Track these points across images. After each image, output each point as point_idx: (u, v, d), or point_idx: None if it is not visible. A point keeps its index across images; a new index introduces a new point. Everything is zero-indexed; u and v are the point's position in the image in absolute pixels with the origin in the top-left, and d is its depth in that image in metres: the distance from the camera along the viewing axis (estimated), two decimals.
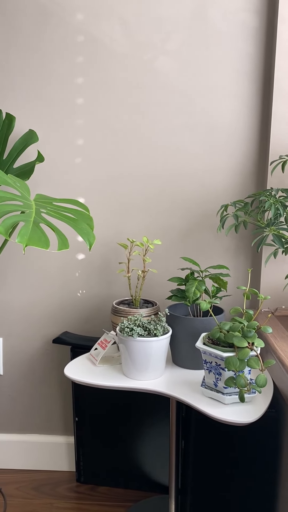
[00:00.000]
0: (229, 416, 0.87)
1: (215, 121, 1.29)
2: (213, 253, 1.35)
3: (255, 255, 1.33)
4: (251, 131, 1.29)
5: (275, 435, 1.13)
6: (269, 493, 1.16)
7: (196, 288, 1.07)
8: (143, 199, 1.34)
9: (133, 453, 1.35)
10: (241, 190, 1.32)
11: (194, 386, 1.00)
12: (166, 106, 1.29)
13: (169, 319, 1.09)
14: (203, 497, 1.17)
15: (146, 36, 1.26)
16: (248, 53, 1.25)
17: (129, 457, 1.35)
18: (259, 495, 1.15)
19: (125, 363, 1.03)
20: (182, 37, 1.25)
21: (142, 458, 1.35)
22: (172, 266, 1.31)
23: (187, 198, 1.33)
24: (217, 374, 0.91)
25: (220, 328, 0.93)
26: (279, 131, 1.22)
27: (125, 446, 1.35)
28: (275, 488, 1.18)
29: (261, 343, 0.89)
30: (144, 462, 1.35)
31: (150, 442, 1.33)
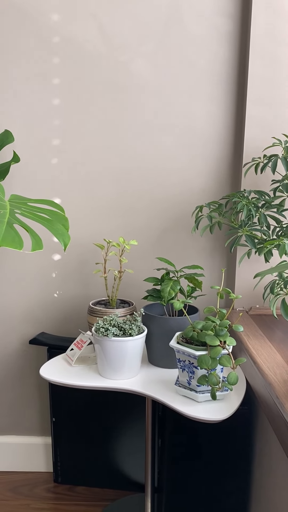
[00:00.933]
0: (202, 413, 0.89)
1: (190, 123, 1.30)
2: (189, 253, 1.37)
3: (230, 255, 1.35)
4: (226, 133, 1.31)
5: (248, 432, 1.15)
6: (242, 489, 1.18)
7: (171, 288, 1.09)
8: (119, 199, 1.35)
9: (110, 453, 1.35)
10: (217, 191, 1.34)
11: (169, 384, 1.01)
12: (142, 108, 1.30)
13: (145, 318, 1.10)
14: (178, 495, 1.19)
15: (122, 38, 1.27)
16: (223, 57, 1.27)
17: (106, 457, 1.36)
18: (232, 491, 1.17)
19: (101, 363, 1.04)
20: (157, 40, 1.27)
21: (119, 457, 1.35)
22: (148, 266, 1.32)
23: (164, 199, 1.34)
24: (191, 373, 0.93)
25: (193, 327, 0.94)
26: (253, 134, 1.24)
27: (102, 446, 1.35)
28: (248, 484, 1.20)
29: (233, 341, 0.91)
30: (121, 461, 1.36)
31: (127, 441, 1.34)
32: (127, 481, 1.36)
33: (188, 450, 1.16)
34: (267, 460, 1.09)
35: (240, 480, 1.17)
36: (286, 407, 0.75)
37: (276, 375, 0.87)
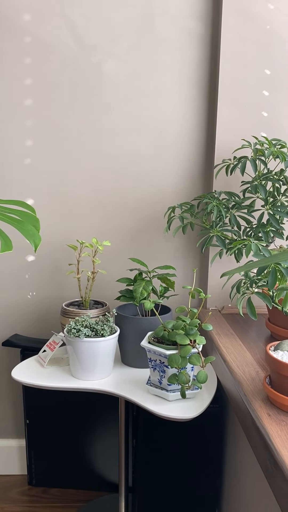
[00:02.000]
0: (172, 412, 0.90)
1: (163, 124, 1.31)
2: (162, 253, 1.38)
3: (203, 255, 1.37)
4: (198, 135, 1.32)
5: (220, 430, 1.17)
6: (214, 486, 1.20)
7: (143, 288, 1.09)
8: (93, 200, 1.35)
9: (85, 454, 1.35)
10: (189, 192, 1.35)
11: (141, 384, 1.01)
12: (116, 109, 1.30)
13: (117, 319, 1.11)
14: (152, 494, 1.19)
15: (94, 39, 1.27)
16: (194, 59, 1.28)
17: (81, 458, 1.36)
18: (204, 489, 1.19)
19: (73, 364, 1.03)
20: (130, 41, 1.27)
21: (93, 458, 1.35)
22: (122, 267, 1.33)
23: (137, 199, 1.35)
24: (161, 372, 0.94)
25: (164, 326, 0.95)
26: (224, 136, 1.26)
27: (77, 447, 1.35)
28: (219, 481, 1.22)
29: (203, 340, 0.92)
30: (95, 462, 1.36)
31: (102, 441, 1.34)
32: (102, 482, 1.36)
33: (162, 449, 1.17)
34: (237, 458, 1.10)
35: (211, 478, 1.18)
36: (253, 404, 0.76)
37: (245, 373, 0.89)
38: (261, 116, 1.26)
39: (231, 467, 1.15)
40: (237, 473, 1.09)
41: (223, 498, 1.22)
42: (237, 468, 1.10)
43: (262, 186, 1.08)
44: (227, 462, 1.19)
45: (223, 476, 1.22)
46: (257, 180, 1.10)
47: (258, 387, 0.82)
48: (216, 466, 1.18)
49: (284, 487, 0.58)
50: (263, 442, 0.67)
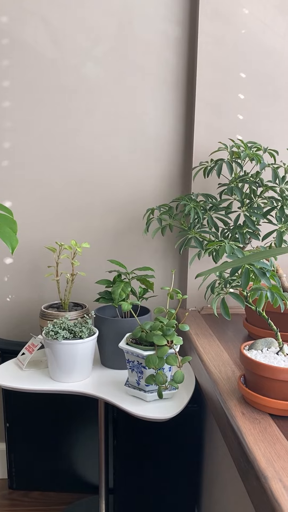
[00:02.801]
0: (150, 413, 0.90)
1: (142, 127, 1.32)
2: (142, 255, 1.38)
3: (183, 256, 1.38)
4: (177, 137, 1.33)
5: (198, 430, 1.18)
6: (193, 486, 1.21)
7: (122, 290, 1.10)
8: (72, 202, 1.35)
9: (65, 456, 1.35)
10: (169, 194, 1.36)
11: (119, 385, 1.02)
12: (95, 111, 1.31)
13: (96, 321, 1.11)
14: (132, 495, 1.20)
15: (74, 42, 1.27)
16: (172, 63, 1.30)
17: (61, 460, 1.35)
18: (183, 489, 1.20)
19: (51, 366, 1.03)
20: (109, 45, 1.28)
21: (74, 460, 1.35)
22: (101, 269, 1.33)
23: (117, 201, 1.35)
24: (139, 373, 0.94)
25: (141, 328, 0.96)
26: (201, 138, 1.27)
27: (57, 450, 1.35)
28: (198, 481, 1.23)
29: (180, 340, 0.93)
30: (76, 464, 1.35)
31: (82, 443, 1.34)
32: (83, 484, 1.36)
33: (141, 449, 1.18)
34: (215, 456, 1.11)
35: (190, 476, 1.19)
36: (228, 403, 0.77)
37: (221, 372, 0.90)
38: (237, 119, 1.28)
39: (210, 465, 1.16)
40: (215, 471, 1.10)
41: (202, 495, 1.23)
42: (215, 467, 1.11)
43: (238, 188, 1.10)
44: (205, 461, 1.20)
45: (202, 475, 1.23)
46: (234, 182, 1.12)
47: (234, 386, 0.83)
48: (195, 464, 1.19)
49: (255, 483, 0.60)
50: (237, 440, 0.68)
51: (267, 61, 1.26)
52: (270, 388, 0.73)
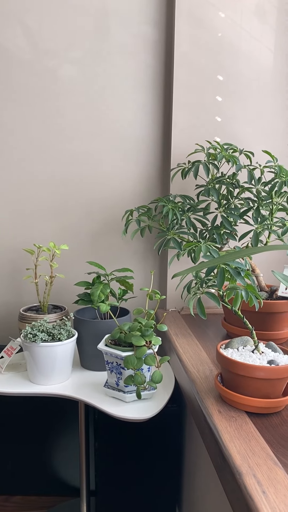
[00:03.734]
0: (129, 413, 0.91)
1: (120, 128, 1.33)
2: (122, 256, 1.39)
3: (163, 257, 1.39)
4: (155, 139, 1.34)
5: (178, 430, 1.19)
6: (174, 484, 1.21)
7: (101, 291, 1.10)
8: (52, 204, 1.34)
9: (47, 459, 1.34)
10: (148, 195, 1.37)
11: (99, 387, 1.02)
12: (72, 113, 1.31)
13: (76, 322, 1.11)
14: (113, 496, 1.20)
15: (50, 44, 1.27)
16: (150, 65, 1.31)
17: (42, 464, 1.35)
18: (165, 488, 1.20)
19: (30, 369, 1.03)
20: (85, 46, 1.28)
21: (55, 463, 1.35)
22: (81, 271, 1.33)
23: (96, 203, 1.35)
24: (118, 374, 0.94)
25: (120, 329, 0.96)
26: (179, 140, 1.28)
27: (38, 453, 1.34)
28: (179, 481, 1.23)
29: (158, 341, 0.94)
30: (58, 467, 1.35)
31: (63, 446, 1.33)
32: (65, 487, 1.35)
33: (123, 451, 1.18)
34: (195, 455, 1.12)
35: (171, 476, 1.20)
36: (205, 402, 0.78)
37: (199, 371, 0.91)
38: (215, 121, 1.29)
39: (190, 464, 1.17)
40: (195, 470, 1.11)
41: (183, 494, 1.24)
42: (195, 465, 1.12)
43: (215, 190, 1.11)
44: (186, 460, 1.21)
45: (182, 474, 1.24)
46: (211, 183, 1.13)
47: (211, 385, 0.84)
48: (176, 464, 1.20)
49: (230, 480, 0.60)
50: (213, 437, 0.69)
51: (243, 64, 1.28)
52: (245, 386, 0.74)
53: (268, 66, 1.29)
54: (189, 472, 1.18)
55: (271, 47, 1.28)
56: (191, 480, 1.16)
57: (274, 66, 1.29)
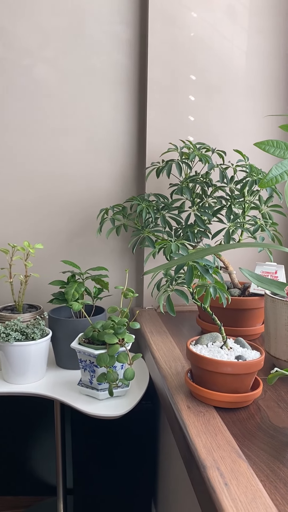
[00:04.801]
0: (102, 411, 0.91)
1: (96, 127, 1.33)
2: (99, 255, 1.39)
3: (139, 256, 1.40)
4: (130, 138, 1.35)
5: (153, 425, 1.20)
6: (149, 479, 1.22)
7: (75, 290, 1.10)
8: (25, 204, 1.34)
9: (23, 459, 1.34)
10: (124, 194, 1.37)
11: (74, 385, 1.02)
12: (47, 112, 1.30)
13: (51, 322, 1.11)
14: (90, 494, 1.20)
15: (24, 43, 1.27)
16: (124, 64, 1.31)
17: (19, 464, 1.34)
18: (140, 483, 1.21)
19: (4, 368, 1.03)
20: (59, 45, 1.28)
21: (32, 463, 1.34)
22: (57, 270, 1.33)
23: (72, 202, 1.35)
24: (92, 372, 0.95)
25: (93, 327, 0.96)
26: (154, 139, 1.29)
27: (14, 453, 1.34)
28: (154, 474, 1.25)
29: (131, 338, 0.94)
30: (34, 467, 1.35)
31: (40, 446, 1.33)
32: (42, 486, 1.35)
33: (99, 449, 1.18)
34: (168, 451, 1.13)
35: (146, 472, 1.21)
36: (175, 397, 0.79)
37: (171, 368, 0.92)
38: (188, 120, 1.30)
39: (164, 459, 1.18)
40: (169, 465, 1.12)
41: (158, 489, 1.25)
42: (169, 460, 1.13)
43: (188, 188, 1.12)
44: (161, 455, 1.22)
45: (157, 469, 1.25)
46: (184, 182, 1.14)
47: (182, 381, 0.85)
48: (151, 459, 1.21)
49: (196, 473, 0.61)
50: (182, 432, 0.70)
51: (216, 63, 1.29)
52: (214, 381, 0.75)
53: (240, 66, 1.31)
54: (163, 466, 1.19)
55: (243, 47, 1.30)
56: (165, 475, 1.17)
57: (246, 66, 1.31)
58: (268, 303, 0.91)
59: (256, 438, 0.67)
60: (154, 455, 1.23)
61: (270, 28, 1.30)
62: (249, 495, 0.54)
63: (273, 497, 0.53)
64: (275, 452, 0.63)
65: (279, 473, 0.58)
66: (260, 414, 0.74)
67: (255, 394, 0.76)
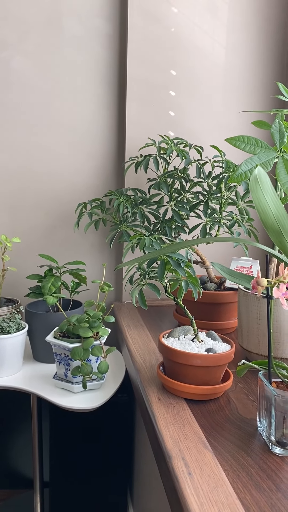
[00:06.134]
0: (76, 404, 0.92)
1: (75, 122, 1.32)
2: (78, 249, 1.39)
3: (118, 250, 1.40)
4: (110, 132, 1.35)
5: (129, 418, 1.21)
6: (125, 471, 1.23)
7: (52, 284, 1.10)
8: (4, 197, 1.33)
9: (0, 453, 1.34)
10: (103, 189, 1.37)
11: (50, 379, 1.02)
12: (26, 105, 1.29)
13: (28, 315, 1.11)
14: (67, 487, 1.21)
15: (2, 34, 1.25)
16: (104, 58, 1.31)
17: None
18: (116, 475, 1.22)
19: None
20: (37, 39, 1.27)
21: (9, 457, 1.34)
22: (35, 264, 1.32)
23: (51, 196, 1.35)
24: (66, 365, 0.95)
25: (68, 321, 0.97)
26: (133, 134, 1.29)
27: None
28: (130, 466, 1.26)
29: (106, 332, 0.95)
30: (11, 460, 1.35)
31: (16, 438, 1.33)
32: (20, 479, 1.35)
33: (76, 442, 1.19)
34: (143, 443, 1.15)
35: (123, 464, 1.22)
36: (146, 390, 0.80)
37: (145, 361, 0.93)
38: (168, 115, 1.31)
39: (139, 451, 1.19)
40: (144, 456, 1.14)
41: (134, 479, 1.26)
42: (143, 452, 1.14)
43: (165, 183, 1.13)
44: (136, 447, 1.23)
45: (133, 460, 1.26)
46: (162, 177, 1.14)
47: (155, 374, 0.86)
48: (127, 451, 1.22)
49: (163, 463, 0.62)
50: (151, 424, 0.71)
51: (196, 59, 1.29)
52: (184, 373, 0.76)
53: (220, 62, 1.31)
54: (139, 457, 1.20)
55: (223, 43, 1.31)
56: (140, 465, 1.18)
57: (226, 62, 1.32)
58: (241, 297, 0.92)
59: (223, 429, 0.68)
60: (130, 446, 1.24)
61: (249, 25, 1.31)
62: (211, 483, 0.55)
63: (235, 486, 0.55)
64: (240, 443, 0.64)
65: (242, 462, 0.59)
66: (230, 406, 0.75)
67: (225, 386, 0.77)
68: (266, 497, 0.53)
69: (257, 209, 0.61)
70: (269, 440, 0.63)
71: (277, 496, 0.53)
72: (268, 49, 1.33)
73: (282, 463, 0.60)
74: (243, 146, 0.73)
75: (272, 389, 0.62)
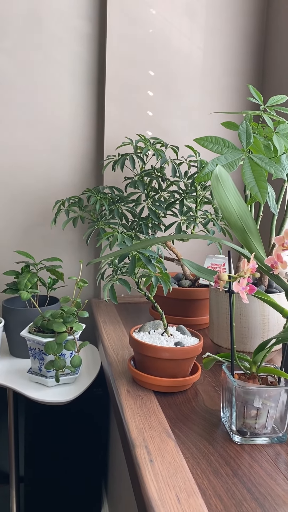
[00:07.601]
0: (50, 397, 0.93)
1: (54, 119, 1.34)
2: (56, 246, 1.40)
3: (97, 247, 1.41)
4: (89, 131, 1.36)
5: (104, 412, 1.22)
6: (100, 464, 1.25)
7: (28, 280, 1.11)
8: None
9: None
10: (81, 186, 1.39)
11: (25, 373, 1.04)
12: (5, 102, 1.30)
13: (4, 311, 1.12)
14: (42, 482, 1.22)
15: None
16: (83, 58, 1.32)
17: None
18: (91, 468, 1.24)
19: None
20: (17, 37, 1.28)
21: None
22: (12, 260, 1.33)
23: (30, 193, 1.36)
24: (41, 360, 0.97)
25: (43, 316, 0.98)
26: (112, 133, 1.31)
27: None
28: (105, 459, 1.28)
29: (80, 327, 0.97)
30: None
31: None
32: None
33: (52, 437, 1.20)
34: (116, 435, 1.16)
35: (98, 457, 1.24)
36: (117, 382, 0.82)
37: (118, 355, 0.94)
38: (146, 115, 1.33)
39: (114, 443, 1.21)
40: (117, 448, 1.16)
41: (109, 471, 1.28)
42: (117, 444, 1.16)
43: (141, 182, 1.14)
44: (111, 439, 1.25)
45: (108, 453, 1.28)
46: (138, 176, 1.16)
47: (127, 367, 0.88)
48: (101, 444, 1.24)
49: (128, 452, 0.64)
50: (119, 415, 0.73)
51: (173, 60, 1.32)
52: (153, 366, 0.78)
53: (197, 64, 1.34)
54: (113, 450, 1.22)
55: (200, 45, 1.33)
56: (115, 457, 1.20)
57: (203, 64, 1.34)
58: (211, 293, 0.95)
59: (188, 420, 0.70)
60: (105, 439, 1.26)
61: (226, 28, 1.34)
62: (171, 470, 0.57)
63: (193, 472, 0.57)
64: (204, 432, 0.66)
65: (203, 450, 0.62)
66: (197, 398, 0.77)
67: (192, 378, 0.79)
68: (223, 482, 0.55)
69: (219, 207, 0.63)
70: (230, 430, 0.65)
71: (233, 481, 0.55)
72: (244, 52, 1.36)
73: (241, 451, 0.62)
74: (210, 146, 0.75)
75: (233, 380, 0.64)
